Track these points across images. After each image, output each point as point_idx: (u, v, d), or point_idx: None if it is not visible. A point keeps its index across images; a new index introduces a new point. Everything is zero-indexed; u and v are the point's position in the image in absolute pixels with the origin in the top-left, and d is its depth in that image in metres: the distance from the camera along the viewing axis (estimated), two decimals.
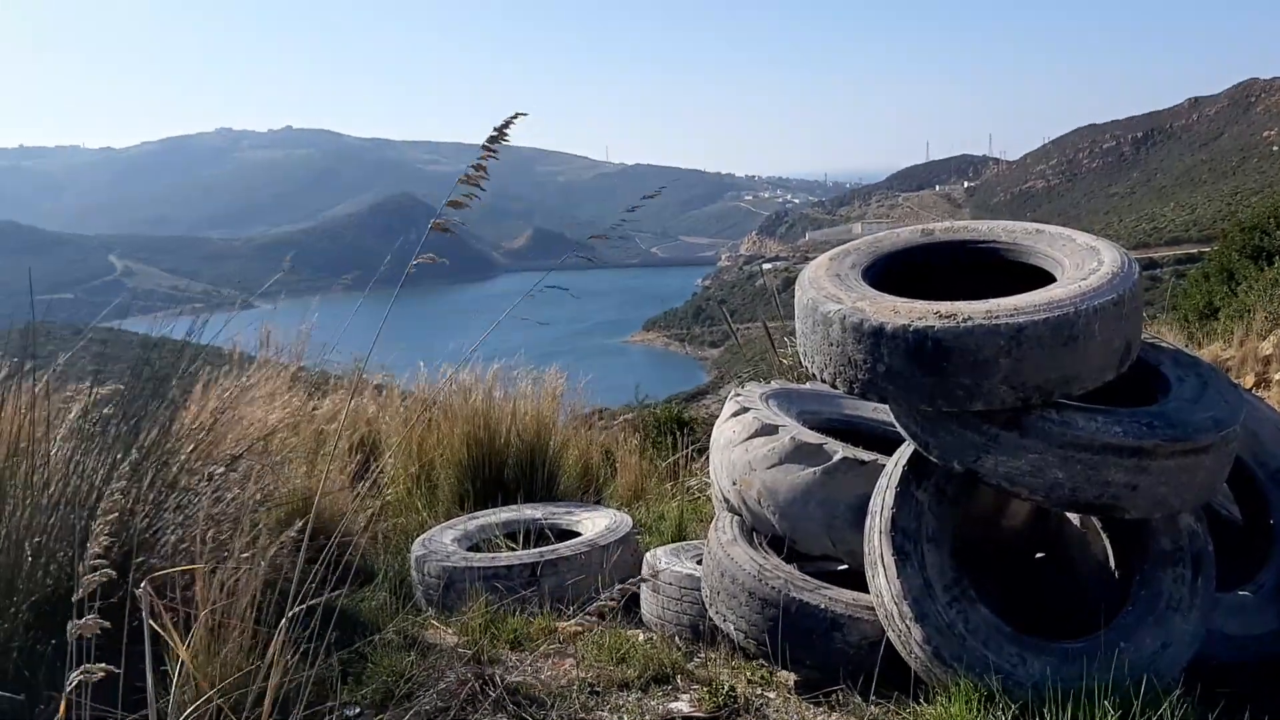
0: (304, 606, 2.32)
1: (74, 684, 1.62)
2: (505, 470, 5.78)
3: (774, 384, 4.40)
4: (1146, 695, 2.57)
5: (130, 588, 2.45)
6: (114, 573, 1.66)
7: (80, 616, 1.63)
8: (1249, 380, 8.45)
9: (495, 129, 2.63)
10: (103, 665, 1.63)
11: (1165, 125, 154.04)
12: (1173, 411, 2.91)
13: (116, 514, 2.22)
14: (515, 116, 2.70)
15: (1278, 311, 9.14)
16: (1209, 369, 3.23)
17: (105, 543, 1.72)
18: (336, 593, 4.06)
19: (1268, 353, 8.80)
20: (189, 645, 2.42)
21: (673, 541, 4.88)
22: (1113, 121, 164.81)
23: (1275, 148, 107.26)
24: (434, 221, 2.57)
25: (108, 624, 1.67)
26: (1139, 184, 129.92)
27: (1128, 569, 3.14)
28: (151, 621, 2.02)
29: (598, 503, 6.04)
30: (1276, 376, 8.28)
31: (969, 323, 2.77)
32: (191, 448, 3.41)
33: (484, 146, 2.65)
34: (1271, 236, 12.94)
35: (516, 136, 2.79)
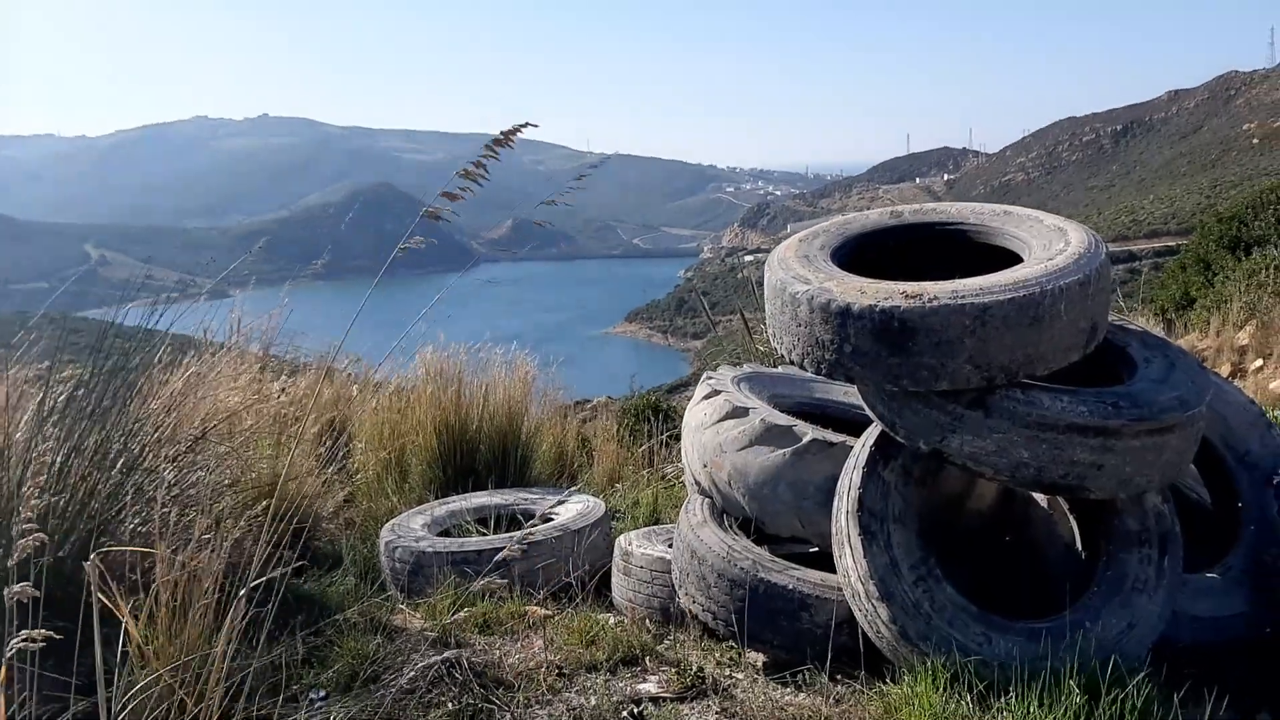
0: (260, 581, 2.29)
1: (13, 650, 1.60)
2: (478, 456, 5.76)
3: (746, 367, 4.39)
4: (1112, 675, 2.57)
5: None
6: (46, 537, 1.63)
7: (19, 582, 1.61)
8: (1225, 369, 8.52)
9: (502, 133, 2.64)
10: (44, 631, 1.61)
11: (1145, 118, 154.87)
12: (1139, 392, 2.91)
13: (44, 476, 2.18)
14: (524, 125, 2.71)
15: (1254, 302, 9.20)
16: (1176, 351, 3.24)
17: (37, 505, 1.69)
18: (302, 576, 4.05)
19: (1243, 343, 8.87)
20: (149, 626, 2.39)
21: (647, 526, 4.87)
22: (1092, 114, 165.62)
23: (1255, 140, 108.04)
24: (426, 209, 2.57)
25: (36, 593, 1.64)
26: (1118, 176, 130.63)
27: (1094, 550, 3.15)
28: (101, 595, 1.99)
29: (573, 489, 6.03)
30: (1252, 366, 8.35)
31: (934, 303, 2.77)
32: (154, 429, 3.38)
33: (487, 147, 2.65)
34: (1249, 228, 13.02)
35: (497, 126, 2.79)
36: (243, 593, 2.33)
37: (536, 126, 2.86)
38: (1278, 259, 9.82)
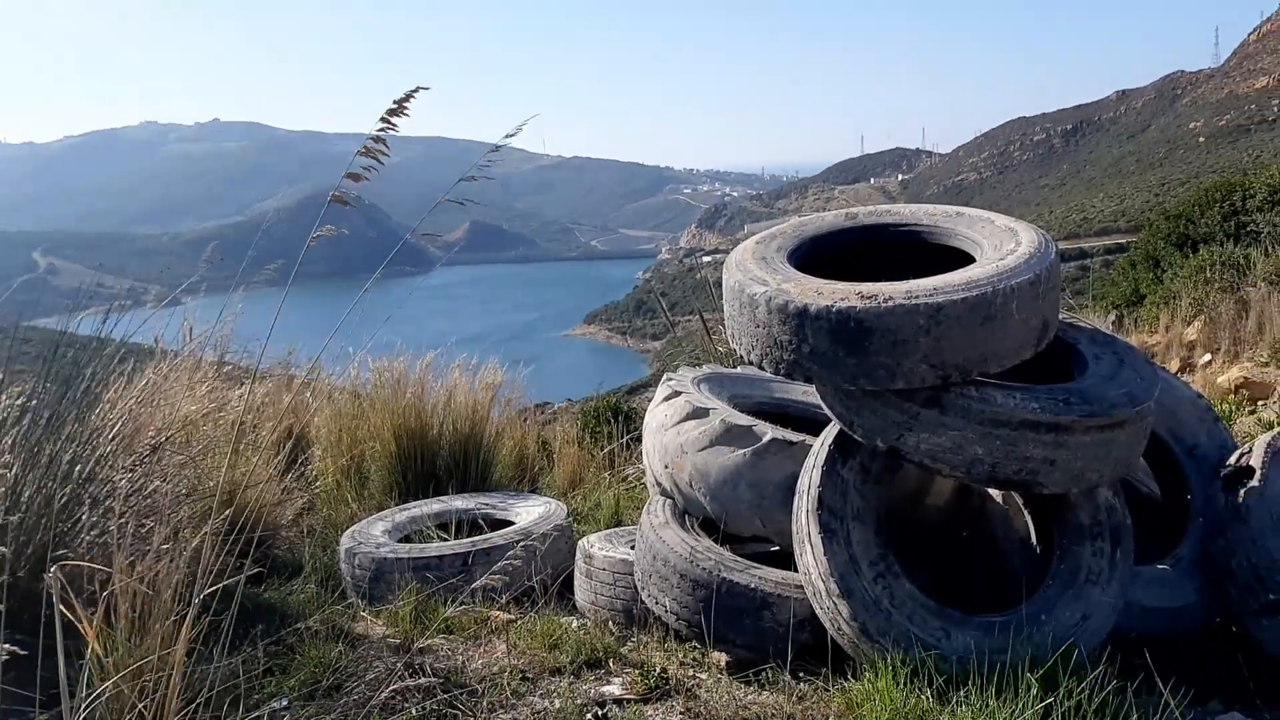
0: (218, 590, 2.27)
1: None
2: (438, 461, 5.74)
3: (706, 368, 4.42)
4: (1068, 666, 2.62)
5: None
6: (5, 550, 1.61)
7: None
8: (1175, 365, 8.68)
9: (395, 101, 2.61)
10: (9, 647, 1.59)
11: (1094, 117, 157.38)
12: (1089, 388, 2.97)
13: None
14: (416, 90, 2.68)
15: (1201, 298, 9.38)
16: (1125, 347, 3.31)
17: None
18: (262, 585, 4.02)
19: (1192, 338, 9.04)
20: (108, 638, 2.36)
21: (609, 529, 4.88)
22: (1042, 114, 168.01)
23: (1201, 139, 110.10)
24: (333, 194, 2.55)
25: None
26: (1069, 175, 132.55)
27: (1048, 543, 3.21)
28: (63, 607, 1.97)
29: (533, 492, 6.02)
30: (1201, 361, 8.51)
31: (890, 303, 2.81)
32: (110, 439, 3.33)
33: (382, 119, 2.63)
34: (1196, 225, 13.27)
35: (451, 129, 2.79)
36: (197, 601, 2.31)
37: (429, 89, 2.80)
38: (1224, 255, 10.01)
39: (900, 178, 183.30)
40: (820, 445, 3.21)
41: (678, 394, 3.84)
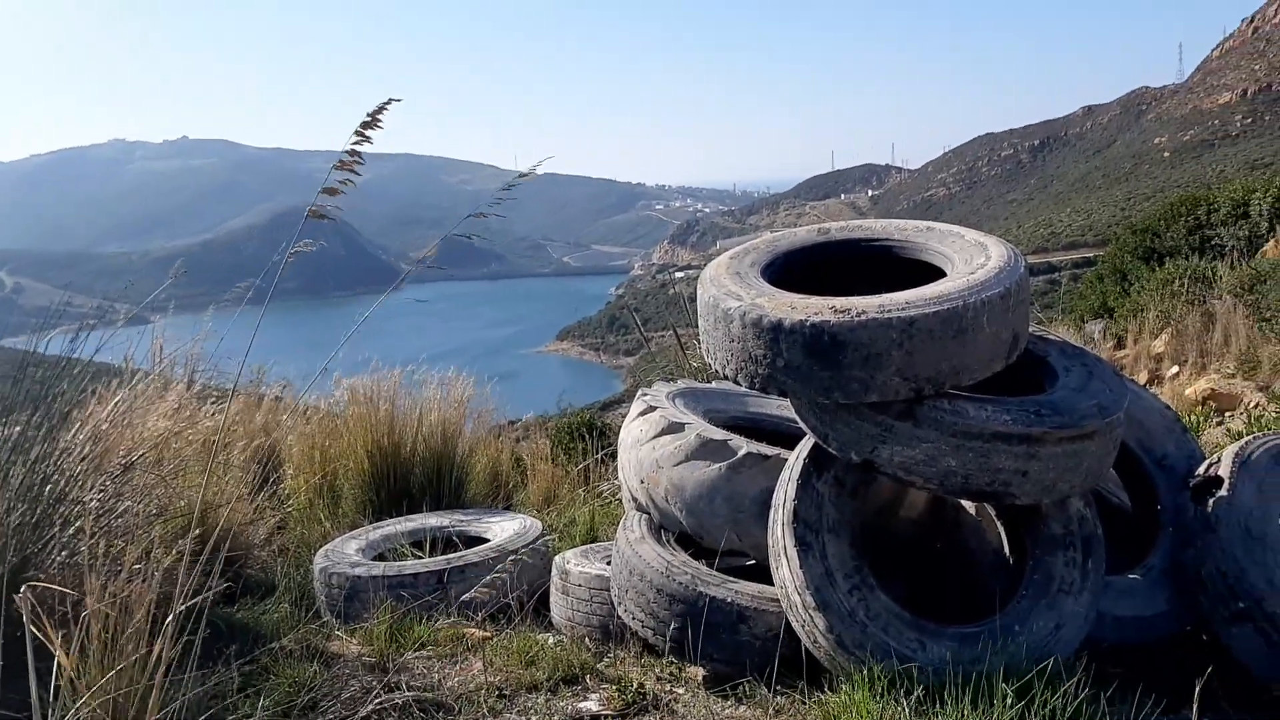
0: (190, 609, 2.25)
1: None
2: (411, 479, 5.71)
3: (680, 383, 4.43)
4: (1043, 676, 2.64)
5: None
6: None
7: None
8: (1143, 377, 8.78)
9: (369, 114, 2.61)
10: None
11: (1061, 133, 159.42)
12: (1059, 400, 3.00)
13: None
14: (389, 102, 2.69)
15: (1168, 310, 9.50)
16: (1094, 359, 3.35)
17: None
18: (235, 605, 3.98)
19: (1159, 350, 9.15)
20: (80, 659, 2.34)
21: (585, 545, 4.86)
22: (1010, 130, 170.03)
23: (1166, 154, 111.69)
24: (311, 208, 2.55)
25: None
26: (1036, 190, 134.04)
27: (1021, 554, 3.23)
28: (33, 628, 1.94)
29: (508, 509, 6.00)
30: (1169, 374, 8.62)
31: (863, 317, 2.83)
32: (80, 459, 3.30)
33: (357, 132, 2.63)
34: (1162, 238, 13.46)
35: (423, 145, 2.80)
36: (168, 621, 2.29)
37: (400, 101, 2.81)
38: (1190, 268, 10.16)
39: (871, 193, 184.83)
40: (795, 459, 3.22)
41: (653, 409, 3.84)
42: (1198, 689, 2.53)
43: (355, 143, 2.65)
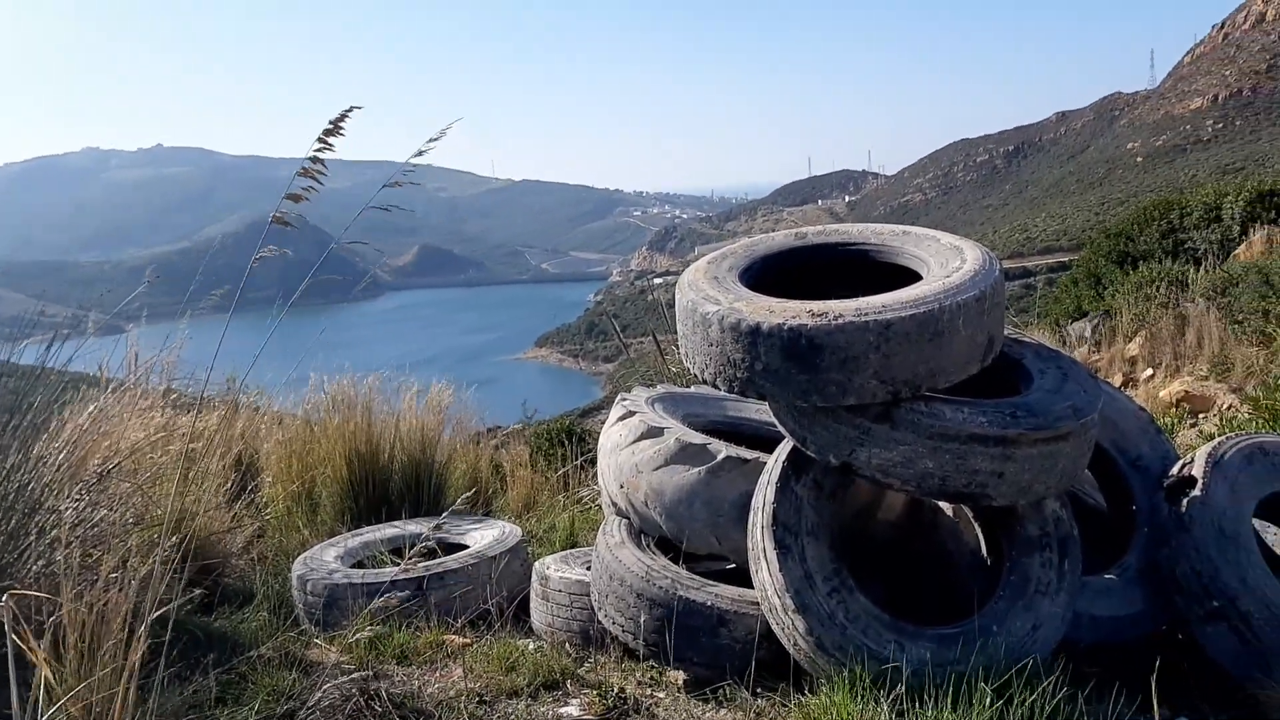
0: (166, 618, 2.24)
1: None
2: (390, 486, 5.69)
3: (660, 388, 4.43)
4: (1021, 677, 2.66)
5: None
6: None
7: None
8: (1117, 380, 8.84)
9: (331, 122, 2.62)
10: None
11: (1035, 138, 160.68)
12: (1035, 402, 3.03)
13: None
14: (350, 110, 2.70)
15: (1142, 314, 9.57)
16: (1069, 361, 3.38)
17: None
18: (213, 613, 3.95)
19: (1133, 354, 9.22)
20: (58, 668, 2.32)
21: (565, 550, 4.86)
22: (985, 135, 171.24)
23: (1139, 159, 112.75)
24: (274, 215, 2.55)
25: None
26: (1011, 195, 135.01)
27: (998, 555, 3.26)
28: (14, 636, 1.93)
29: (487, 516, 5.99)
30: (1143, 376, 8.69)
31: (840, 320, 2.85)
32: (56, 468, 3.27)
33: (319, 139, 2.64)
34: (1135, 242, 13.58)
35: (398, 152, 2.80)
36: (141, 630, 2.27)
37: (361, 109, 2.83)
38: (1163, 272, 10.25)
39: (847, 199, 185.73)
40: (774, 462, 3.23)
41: (632, 414, 3.85)
42: (1154, 683, 2.56)
43: (318, 149, 2.66)
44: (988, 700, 2.61)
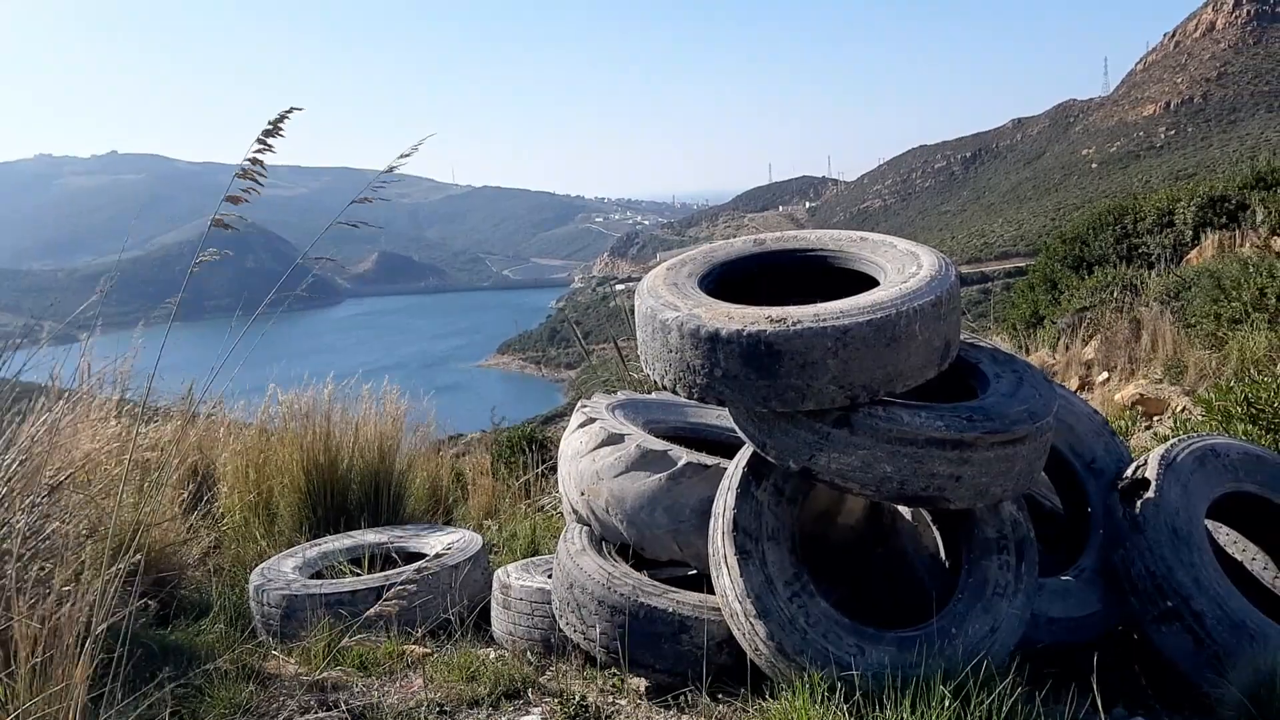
0: (114, 630, 2.20)
1: None
2: (349, 495, 5.64)
3: (620, 395, 4.43)
4: (979, 678, 2.68)
5: None
6: None
7: None
8: (1074, 383, 8.96)
9: (270, 123, 2.60)
10: None
11: (992, 145, 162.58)
12: (991, 406, 3.06)
13: None
14: (289, 111, 2.68)
15: (1097, 318, 9.70)
16: (1024, 365, 3.41)
17: None
18: (168, 626, 3.89)
19: (1089, 357, 9.35)
20: (8, 684, 2.28)
21: (526, 558, 4.84)
22: (943, 142, 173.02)
23: (1094, 165, 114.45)
24: (214, 217, 2.53)
25: None
26: (969, 201, 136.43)
27: (956, 558, 3.28)
28: None
29: (448, 523, 5.95)
30: (1099, 380, 8.80)
31: (798, 326, 2.86)
32: (5, 480, 3.21)
33: (258, 140, 2.63)
34: (1090, 247, 13.78)
35: (358, 159, 2.79)
36: (89, 643, 2.24)
37: (302, 110, 2.82)
38: (1118, 276, 10.40)
39: (808, 205, 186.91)
40: (734, 468, 3.24)
41: (593, 420, 3.84)
42: (1094, 682, 2.59)
43: (257, 150, 2.65)
44: (946, 702, 2.63)
